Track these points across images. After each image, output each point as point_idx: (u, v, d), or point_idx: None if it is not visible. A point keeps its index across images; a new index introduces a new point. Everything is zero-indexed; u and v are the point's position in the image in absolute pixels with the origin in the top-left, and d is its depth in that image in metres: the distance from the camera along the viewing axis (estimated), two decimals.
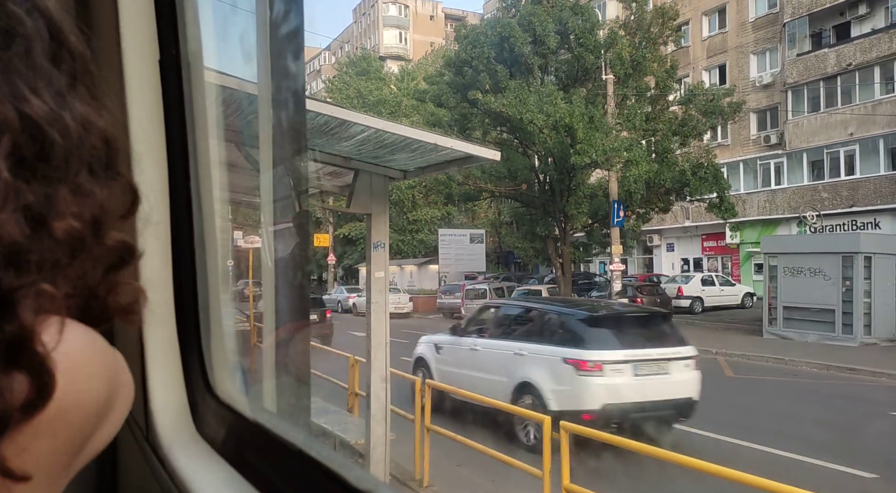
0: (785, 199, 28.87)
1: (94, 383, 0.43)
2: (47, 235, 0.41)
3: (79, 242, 0.42)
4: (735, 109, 23.09)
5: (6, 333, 0.37)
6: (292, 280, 2.34)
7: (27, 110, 0.40)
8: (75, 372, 0.41)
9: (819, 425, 9.72)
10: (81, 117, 0.44)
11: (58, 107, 0.42)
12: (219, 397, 0.97)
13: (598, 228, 25.25)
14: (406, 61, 56.53)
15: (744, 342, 18.27)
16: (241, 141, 4.55)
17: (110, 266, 0.46)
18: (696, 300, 26.86)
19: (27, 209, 0.40)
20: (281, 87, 2.10)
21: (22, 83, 0.41)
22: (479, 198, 27.57)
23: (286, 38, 2.05)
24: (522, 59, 22.81)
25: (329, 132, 5.69)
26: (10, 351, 0.38)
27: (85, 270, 0.44)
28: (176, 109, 0.96)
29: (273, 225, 2.41)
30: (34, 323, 0.38)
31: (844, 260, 17.40)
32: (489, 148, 7.80)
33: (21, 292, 0.38)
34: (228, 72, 3.18)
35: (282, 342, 1.64)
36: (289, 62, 2.09)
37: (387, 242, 6.71)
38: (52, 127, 0.41)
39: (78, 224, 0.42)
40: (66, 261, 0.42)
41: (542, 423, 5.53)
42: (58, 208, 0.41)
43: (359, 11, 70.53)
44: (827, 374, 14.14)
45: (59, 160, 0.42)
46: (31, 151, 0.40)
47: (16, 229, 0.38)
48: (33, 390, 0.38)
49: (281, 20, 2.09)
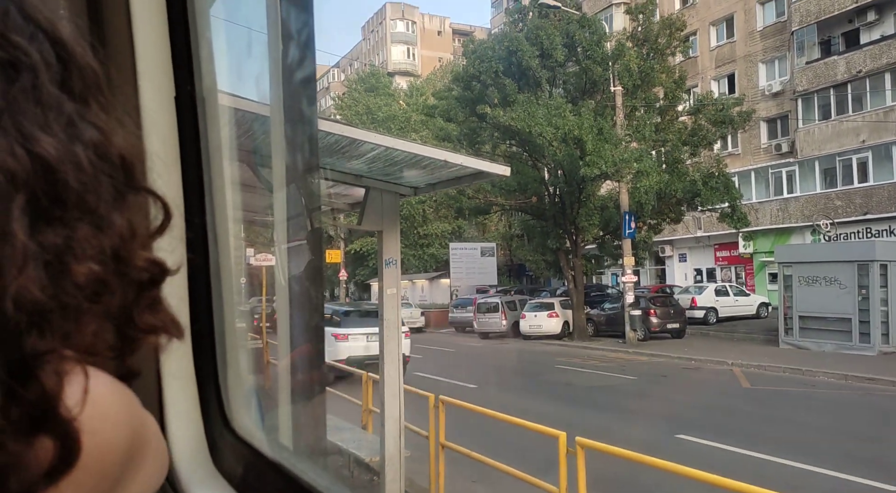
0: (798, 207, 28.65)
1: (118, 432, 0.43)
2: (69, 282, 0.40)
3: (101, 284, 0.42)
4: (745, 118, 23.00)
5: (29, 399, 0.37)
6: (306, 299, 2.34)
7: (38, 150, 0.40)
8: (99, 422, 0.41)
9: (841, 436, 9.56)
10: (94, 143, 0.43)
11: (69, 140, 0.42)
12: (236, 431, 0.96)
13: (610, 240, 25.15)
14: (414, 77, 56.89)
15: (760, 353, 18.08)
16: (253, 161, 4.58)
17: (142, 286, 0.46)
18: (711, 311, 26.62)
19: (46, 261, 0.39)
20: (293, 107, 2.11)
21: (30, 121, 0.40)
22: (490, 211, 27.58)
23: (298, 60, 2.06)
24: (530, 72, 22.88)
25: (339, 151, 5.71)
26: (34, 416, 0.37)
27: (112, 305, 0.43)
28: (191, 144, 0.96)
29: (286, 243, 2.41)
30: (57, 387, 0.38)
31: (860, 268, 17.21)
32: (498, 162, 7.82)
33: (43, 357, 0.38)
34: (241, 95, 3.21)
35: (297, 368, 1.64)
36: (301, 83, 2.10)
37: (398, 258, 6.70)
38: (65, 164, 0.41)
39: (98, 267, 0.41)
40: (90, 305, 0.41)
41: (557, 438, 5.47)
42: (78, 251, 0.41)
43: (367, 28, 71.16)
44: (845, 384, 13.95)
45: (76, 198, 0.41)
46: (46, 196, 0.40)
47: (36, 289, 0.38)
48: (58, 455, 0.37)
49: (292, 41, 2.10)
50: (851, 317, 17.33)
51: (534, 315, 25.61)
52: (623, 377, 15.61)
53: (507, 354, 22.19)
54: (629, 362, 18.54)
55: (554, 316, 25.27)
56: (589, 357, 19.80)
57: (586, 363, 18.34)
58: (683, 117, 23.64)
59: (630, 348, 20.97)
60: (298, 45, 2.11)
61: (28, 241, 0.38)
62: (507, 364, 19.72)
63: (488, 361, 20.84)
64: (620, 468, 6.38)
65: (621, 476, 6.61)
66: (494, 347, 24.40)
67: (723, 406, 12.30)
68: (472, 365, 19.06)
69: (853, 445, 9.04)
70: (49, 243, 0.39)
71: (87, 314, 0.41)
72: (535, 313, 25.66)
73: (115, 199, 0.44)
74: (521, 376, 16.98)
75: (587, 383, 15.02)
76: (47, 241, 0.39)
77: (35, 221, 0.39)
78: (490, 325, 27.22)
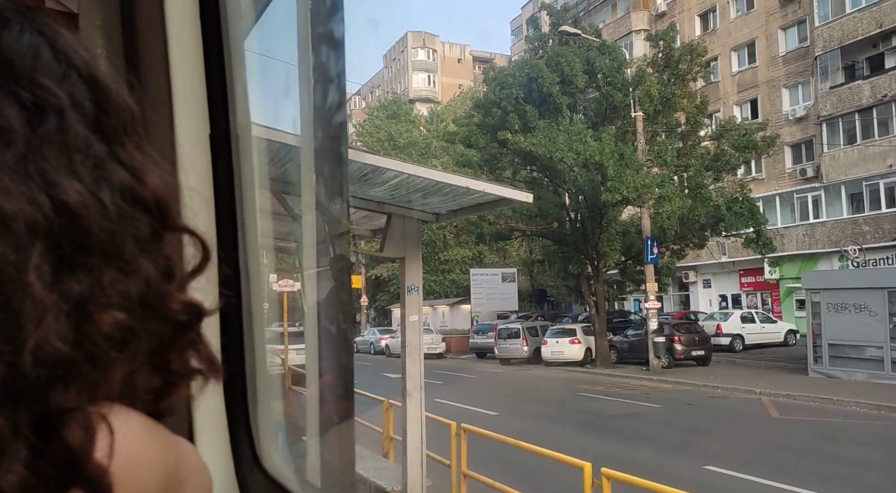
0: (825, 233, 28.21)
1: (149, 478, 0.42)
2: (94, 330, 0.39)
3: (128, 332, 0.40)
4: (769, 143, 22.82)
5: (56, 455, 0.36)
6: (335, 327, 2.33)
7: (61, 197, 0.39)
8: (129, 470, 0.39)
9: (875, 468, 9.26)
10: (123, 185, 0.42)
11: (95, 183, 0.41)
12: (267, 471, 0.94)
13: (632, 266, 24.93)
14: (435, 104, 57.46)
15: (789, 381, 17.67)
16: (280, 189, 4.63)
17: (178, 328, 0.45)
18: (737, 338, 26.15)
19: (69, 311, 0.38)
20: (324, 138, 2.12)
21: (54, 166, 0.39)
22: (511, 237, 27.53)
23: (328, 90, 2.09)
24: (551, 99, 23.00)
25: (363, 178, 5.76)
26: (64, 471, 0.36)
27: (142, 350, 0.42)
28: (225, 180, 0.96)
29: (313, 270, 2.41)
30: (85, 443, 0.36)
31: (891, 295, 16.82)
32: (519, 187, 7.82)
33: (68, 413, 0.37)
34: (271, 125, 3.26)
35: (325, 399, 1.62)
36: (331, 114, 2.12)
37: (420, 285, 6.70)
38: (90, 210, 0.40)
39: (124, 315, 0.40)
40: (117, 355, 0.40)
41: (582, 469, 5.36)
42: (102, 299, 0.40)
43: (389, 57, 72.27)
44: (878, 414, 13.54)
45: (102, 245, 0.40)
46: (69, 243, 0.39)
47: (58, 342, 0.37)
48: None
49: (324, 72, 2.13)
50: (883, 345, 16.90)
51: (556, 341, 25.36)
52: (648, 406, 15.33)
53: (529, 380, 21.95)
54: (654, 389, 18.22)
55: (576, 342, 24.99)
56: (612, 385, 19.50)
57: (610, 391, 18.06)
58: (706, 142, 23.52)
59: (654, 375, 20.62)
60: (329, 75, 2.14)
61: (47, 291, 0.37)
62: (528, 391, 19.49)
63: (510, 388, 20.62)
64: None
65: None
66: (516, 373, 24.15)
67: (752, 437, 12.00)
68: (494, 392, 18.86)
69: (888, 478, 8.74)
70: (72, 292, 0.38)
71: (114, 363, 0.40)
72: (556, 340, 25.41)
73: (147, 241, 0.43)
74: (543, 404, 16.76)
75: (611, 411, 14.77)
76: (70, 289, 0.38)
77: (57, 270, 0.38)
78: (511, 351, 26.99)
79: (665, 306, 33.01)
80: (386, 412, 9.06)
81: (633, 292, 29.17)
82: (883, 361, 16.90)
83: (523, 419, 13.77)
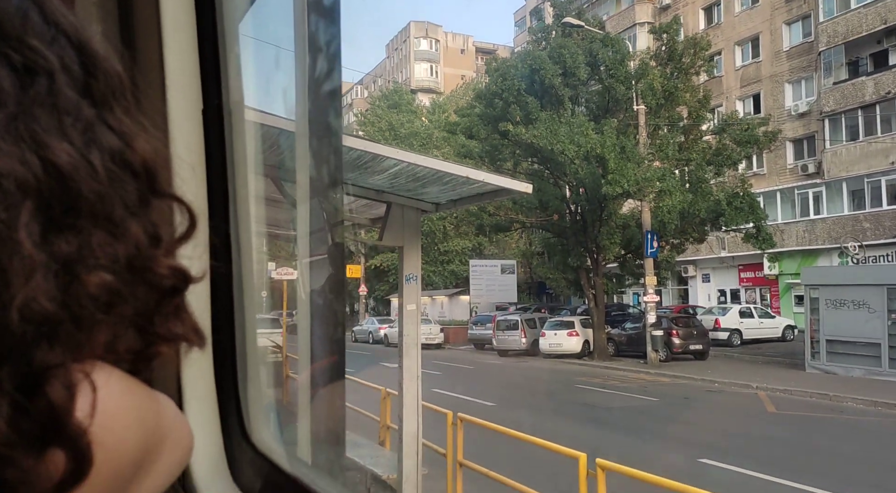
0: (825, 229, 28.20)
1: (128, 435, 0.42)
2: (81, 292, 0.39)
3: (114, 294, 0.41)
4: (770, 139, 22.77)
5: (38, 413, 0.36)
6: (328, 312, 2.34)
7: (51, 157, 0.39)
8: (108, 428, 0.40)
9: (870, 464, 9.30)
10: (113, 149, 0.42)
11: (85, 146, 0.41)
12: (255, 445, 0.95)
13: (632, 259, 24.94)
14: (437, 94, 57.33)
15: (786, 377, 17.72)
16: (277, 176, 4.63)
17: (164, 293, 0.45)
18: (735, 333, 26.20)
19: (57, 271, 0.38)
20: (319, 123, 2.13)
21: (44, 127, 0.39)
22: (511, 229, 27.53)
23: (324, 76, 2.09)
24: (553, 90, 22.92)
25: (362, 166, 5.75)
26: (45, 429, 0.36)
27: (127, 313, 0.43)
28: (217, 156, 0.97)
29: (308, 257, 2.42)
30: (67, 401, 0.37)
31: (890, 292, 16.84)
32: (520, 179, 7.81)
33: (51, 370, 0.37)
34: (267, 110, 3.26)
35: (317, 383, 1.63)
36: (326, 100, 2.12)
37: (419, 274, 6.71)
38: (79, 172, 0.40)
39: (111, 277, 0.40)
40: (102, 316, 0.40)
41: (577, 460, 5.39)
42: (90, 260, 0.40)
43: (391, 46, 72.01)
44: (875, 410, 13.59)
45: (91, 207, 0.40)
46: (59, 204, 0.39)
47: (45, 301, 0.37)
48: (69, 468, 0.37)
49: (320, 59, 2.13)
50: (881, 342, 16.93)
51: (554, 334, 25.41)
52: (644, 399, 15.38)
53: (527, 372, 22.01)
54: (651, 383, 18.27)
55: (574, 335, 25.04)
56: (609, 377, 19.56)
57: (607, 383, 18.11)
58: (708, 137, 23.47)
59: (651, 368, 20.68)
60: (325, 62, 2.14)
61: (36, 249, 0.37)
62: (526, 383, 19.55)
63: (507, 379, 20.68)
64: (642, 492, 6.26)
65: None
66: (513, 365, 24.22)
67: (747, 431, 12.05)
68: (491, 383, 18.92)
69: (882, 474, 8.79)
70: (60, 252, 0.39)
71: (99, 325, 0.40)
72: (554, 332, 25.46)
73: (136, 205, 0.43)
74: (540, 395, 16.81)
75: (608, 403, 14.82)
76: (59, 250, 0.39)
77: (46, 230, 0.38)
78: (509, 342, 27.05)
79: (664, 300, 33.05)
80: (383, 400, 9.09)
81: (632, 286, 29.21)
82: (880, 357, 16.94)
83: (520, 409, 13.82)
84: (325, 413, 1.71)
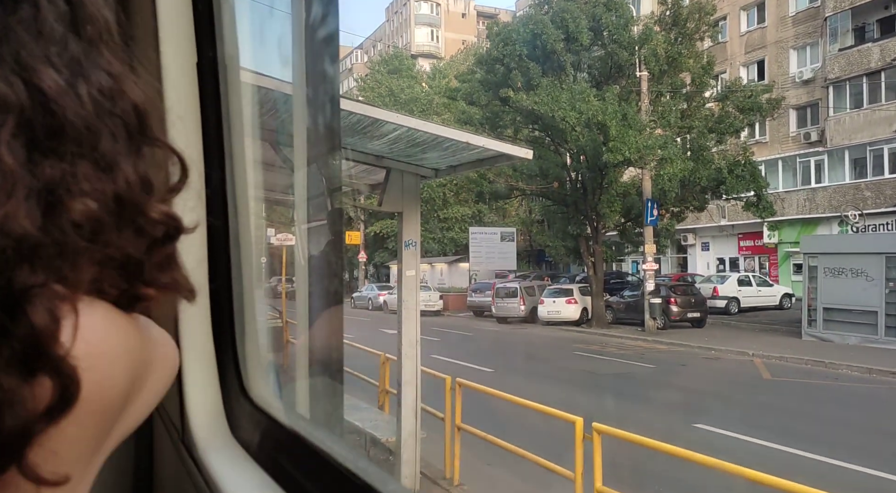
0: (825, 197, 28.14)
1: (116, 366, 0.41)
2: (64, 218, 0.38)
3: (99, 223, 0.40)
4: (774, 106, 22.57)
5: (19, 336, 0.36)
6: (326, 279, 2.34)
7: (35, 81, 0.38)
8: (95, 358, 0.39)
9: (863, 429, 9.45)
10: (102, 85, 0.41)
11: (72, 76, 0.40)
12: (253, 400, 0.96)
13: (631, 227, 24.95)
14: (438, 59, 56.59)
15: (782, 344, 17.88)
16: (275, 140, 4.59)
17: (155, 240, 0.44)
18: (733, 301, 26.36)
19: (40, 193, 0.38)
20: (316, 87, 2.10)
21: (29, 52, 0.38)
22: (511, 196, 27.46)
23: (321, 39, 2.05)
24: (555, 56, 22.62)
25: (361, 131, 5.71)
26: (28, 354, 0.36)
27: (118, 252, 0.42)
28: (212, 110, 0.96)
29: (306, 223, 2.42)
30: (49, 324, 0.36)
31: (888, 260, 16.89)
32: (521, 146, 7.76)
33: (32, 291, 0.36)
34: (264, 72, 3.21)
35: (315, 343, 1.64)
36: (324, 63, 2.09)
37: (418, 240, 6.71)
38: (65, 98, 0.39)
39: (95, 205, 0.40)
40: (86, 245, 0.39)
41: (574, 424, 5.48)
42: (75, 187, 0.39)
43: (391, 10, 70.81)
44: (870, 377, 13.75)
45: (77, 134, 0.39)
46: (43, 128, 0.38)
47: (26, 221, 0.36)
48: (57, 394, 0.36)
49: (316, 21, 2.09)
50: (878, 310, 17.04)
51: (552, 301, 25.56)
52: (641, 366, 15.55)
53: (525, 339, 22.21)
54: (648, 350, 18.45)
55: (572, 302, 25.19)
56: (607, 344, 19.74)
57: (604, 350, 18.29)
58: (710, 104, 23.25)
59: (649, 336, 20.86)
60: (323, 23, 2.10)
61: (18, 167, 0.37)
62: (524, 349, 19.73)
63: (506, 345, 20.87)
64: (636, 454, 6.37)
65: (637, 463, 6.61)
66: (512, 332, 24.42)
67: (742, 397, 12.21)
68: (490, 349, 19.11)
69: (874, 438, 8.93)
70: (43, 175, 0.38)
71: (83, 255, 0.39)
72: (553, 299, 25.61)
73: (125, 143, 0.43)
74: (538, 362, 16.99)
75: (605, 370, 14.99)
76: (42, 173, 0.38)
77: (29, 150, 0.38)
78: (508, 310, 27.22)
79: (663, 268, 33.16)
80: (382, 365, 9.19)
81: (631, 254, 29.29)
82: (877, 325, 17.08)
83: (518, 375, 13.98)
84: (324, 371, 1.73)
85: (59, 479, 0.37)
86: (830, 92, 27.67)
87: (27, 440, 0.35)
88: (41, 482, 0.36)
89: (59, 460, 0.37)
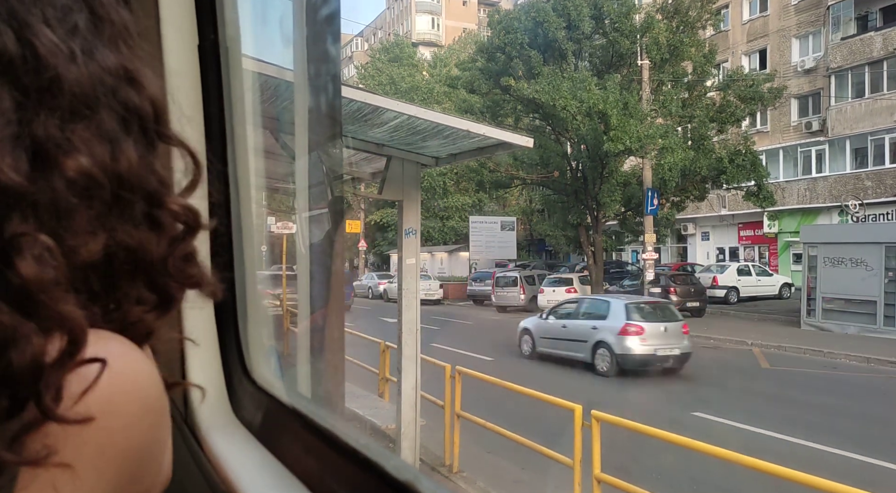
0: (826, 187, 28.09)
1: (137, 408, 0.42)
2: (57, 173, 0.38)
3: (93, 182, 0.40)
4: (775, 95, 22.47)
5: (10, 285, 0.36)
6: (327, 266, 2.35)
7: (28, 35, 0.38)
8: (119, 405, 0.40)
9: (861, 418, 9.49)
10: (108, 67, 0.41)
11: (70, 41, 0.40)
12: (255, 380, 0.98)
13: (632, 217, 24.92)
14: (438, 47, 56.28)
15: (781, 333, 17.92)
16: (276, 128, 4.59)
17: (175, 236, 0.44)
18: (732, 290, 26.36)
19: (30, 145, 0.38)
20: (317, 74, 2.10)
21: (26, 7, 0.38)
22: (511, 185, 27.40)
23: (322, 26, 2.05)
24: (556, 44, 22.50)
25: (362, 118, 5.70)
26: (21, 298, 0.36)
27: (108, 216, 0.41)
28: (214, 94, 0.96)
29: (307, 211, 2.42)
30: (36, 273, 0.36)
31: (888, 250, 16.90)
32: (521, 135, 7.74)
33: (21, 240, 0.36)
34: (266, 59, 3.20)
35: (316, 328, 1.65)
36: (325, 50, 2.09)
37: (418, 228, 6.71)
38: (60, 59, 0.39)
39: (88, 161, 0.39)
40: (79, 203, 0.39)
41: (573, 411, 5.50)
42: (67, 147, 0.39)
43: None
44: (868, 367, 13.79)
45: (72, 97, 0.39)
46: (34, 82, 0.38)
47: (12, 173, 0.36)
48: (65, 344, 0.37)
49: (317, 8, 2.09)
50: (877, 300, 17.07)
51: (552, 290, 25.57)
52: None
53: None
54: None
55: (572, 291, 25.19)
56: None
57: None
58: (712, 93, 23.15)
59: None
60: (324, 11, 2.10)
61: (3, 120, 0.37)
62: None
63: (505, 334, 20.88)
64: (635, 442, 6.41)
65: (636, 450, 6.65)
66: (512, 320, 24.45)
67: (740, 385, 12.26)
68: (489, 338, 19.13)
69: (872, 427, 8.98)
70: (34, 130, 0.38)
71: (76, 210, 0.39)
72: (553, 288, 25.62)
73: (133, 128, 0.42)
74: None
75: None
76: (31, 124, 0.38)
77: (19, 104, 0.37)
78: (508, 299, 27.25)
79: (663, 257, 33.14)
80: (382, 353, 9.22)
81: (630, 243, 29.27)
82: (876, 315, 17.10)
83: (517, 364, 14.03)
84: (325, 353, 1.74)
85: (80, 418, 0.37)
86: (832, 81, 27.55)
87: (38, 378, 0.36)
88: (61, 420, 0.36)
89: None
